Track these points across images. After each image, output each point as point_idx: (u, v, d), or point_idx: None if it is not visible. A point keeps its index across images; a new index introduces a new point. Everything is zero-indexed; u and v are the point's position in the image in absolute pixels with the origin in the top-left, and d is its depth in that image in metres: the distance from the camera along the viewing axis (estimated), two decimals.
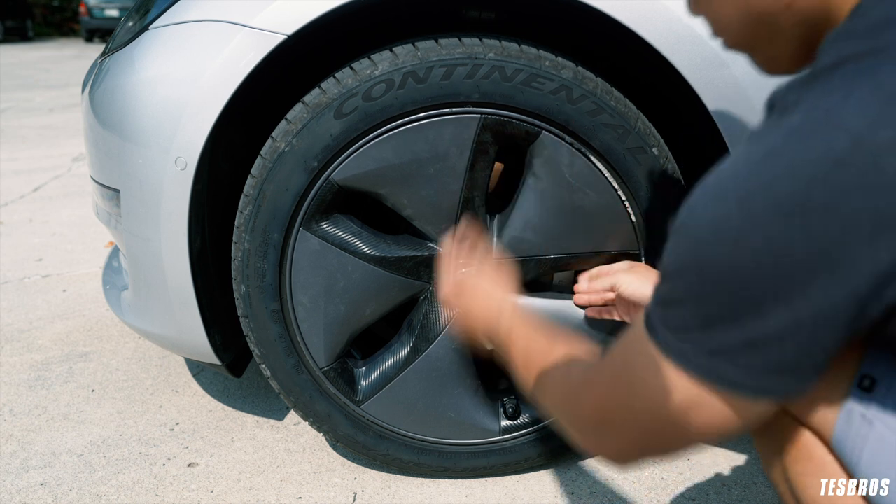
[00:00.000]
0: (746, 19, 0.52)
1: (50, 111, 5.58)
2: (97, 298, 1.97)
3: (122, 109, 1.00)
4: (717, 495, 1.12)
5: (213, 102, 0.94)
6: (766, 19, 0.51)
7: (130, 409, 1.42)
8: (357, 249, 1.02)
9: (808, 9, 0.48)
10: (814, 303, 0.40)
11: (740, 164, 0.41)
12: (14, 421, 1.38)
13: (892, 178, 0.35)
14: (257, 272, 1.01)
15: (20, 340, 1.73)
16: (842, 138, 0.36)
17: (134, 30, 1.06)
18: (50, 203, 2.97)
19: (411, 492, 1.15)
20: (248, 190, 0.99)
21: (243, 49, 0.92)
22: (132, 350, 1.67)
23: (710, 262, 0.42)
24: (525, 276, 1.06)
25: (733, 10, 0.52)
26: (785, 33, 0.51)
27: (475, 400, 1.12)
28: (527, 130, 0.98)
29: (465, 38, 0.94)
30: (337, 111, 0.94)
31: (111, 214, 1.12)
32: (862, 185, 0.35)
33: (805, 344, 0.42)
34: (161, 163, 0.97)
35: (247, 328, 1.06)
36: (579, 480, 1.17)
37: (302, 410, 1.12)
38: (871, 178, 0.35)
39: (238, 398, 1.46)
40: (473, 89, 0.94)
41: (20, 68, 9.35)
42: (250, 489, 1.17)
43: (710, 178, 0.43)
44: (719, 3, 0.53)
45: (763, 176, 0.39)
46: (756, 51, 0.56)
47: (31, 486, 1.19)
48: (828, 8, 0.47)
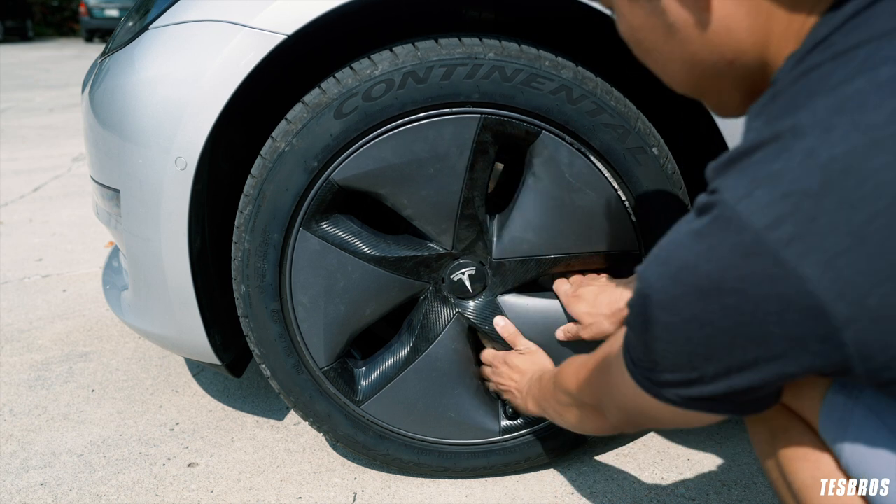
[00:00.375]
0: (692, 73, 0.53)
1: (50, 111, 5.58)
2: (97, 298, 1.97)
3: (122, 109, 1.00)
4: (717, 495, 1.12)
5: (213, 102, 0.94)
6: (711, 73, 0.52)
7: (130, 409, 1.42)
8: (357, 249, 1.02)
9: (749, 65, 0.50)
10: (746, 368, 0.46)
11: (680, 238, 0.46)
12: (14, 421, 1.38)
13: (794, 268, 0.40)
14: (257, 272, 1.01)
15: (20, 340, 1.73)
16: (747, 237, 0.41)
17: (134, 30, 1.06)
18: (50, 203, 2.97)
19: (411, 492, 1.15)
20: (248, 190, 0.99)
21: (243, 49, 0.92)
22: (132, 350, 1.67)
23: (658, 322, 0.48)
24: (525, 275, 1.06)
25: (679, 66, 0.53)
26: (730, 85, 0.53)
27: (475, 400, 1.12)
28: (527, 130, 0.98)
29: (465, 38, 0.94)
30: (337, 111, 0.94)
31: (111, 214, 1.12)
32: (768, 275, 0.40)
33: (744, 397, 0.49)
34: (161, 163, 0.97)
35: (247, 328, 1.06)
36: (579, 480, 1.17)
37: (302, 410, 1.12)
38: (774, 269, 0.40)
39: (238, 398, 1.46)
40: (473, 89, 0.94)
41: (20, 68, 9.35)
42: (250, 489, 1.17)
43: (664, 241, 0.48)
44: (665, 57, 0.54)
45: (689, 256, 0.44)
46: (705, 98, 0.58)
47: (31, 486, 1.19)
48: (766, 64, 0.49)
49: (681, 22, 0.50)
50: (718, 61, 0.50)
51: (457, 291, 1.07)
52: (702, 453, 1.23)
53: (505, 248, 1.04)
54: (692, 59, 0.51)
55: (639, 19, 0.53)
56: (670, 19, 0.50)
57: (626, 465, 1.21)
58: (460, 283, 1.06)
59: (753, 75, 0.50)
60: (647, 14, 0.52)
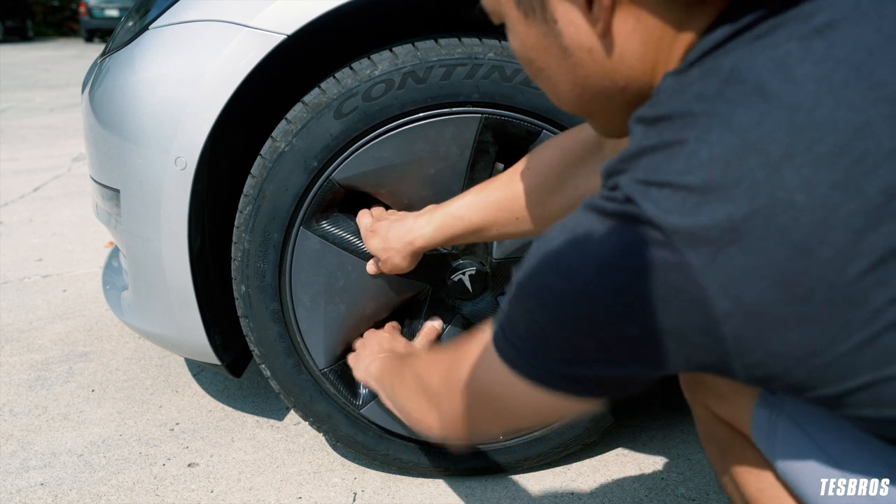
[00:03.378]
0: (582, 96, 0.53)
1: (50, 111, 5.58)
2: (97, 298, 1.97)
3: (122, 109, 1.00)
4: (717, 495, 1.12)
5: (213, 102, 0.94)
6: (601, 97, 0.52)
7: (130, 409, 1.42)
8: (357, 249, 1.02)
9: (639, 90, 0.50)
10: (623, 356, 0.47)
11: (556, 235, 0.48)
12: (14, 421, 1.38)
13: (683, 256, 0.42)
14: (257, 272, 1.01)
15: (20, 340, 1.73)
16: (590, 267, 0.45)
17: (134, 30, 1.06)
18: (50, 203, 2.97)
19: (411, 492, 1.15)
20: (248, 190, 0.99)
21: (243, 49, 0.92)
22: (132, 350, 1.67)
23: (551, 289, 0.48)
24: None
25: (569, 88, 0.53)
26: (617, 108, 0.53)
27: None
28: (527, 130, 0.98)
29: (465, 38, 0.94)
30: (337, 111, 0.95)
31: (111, 214, 1.12)
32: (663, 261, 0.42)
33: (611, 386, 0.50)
34: (161, 163, 0.97)
35: (247, 328, 1.06)
36: (579, 480, 1.17)
37: (302, 410, 1.12)
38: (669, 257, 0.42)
39: (238, 398, 1.46)
40: (473, 89, 0.94)
41: (20, 68, 9.36)
42: (250, 489, 1.17)
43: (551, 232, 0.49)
44: (556, 78, 0.53)
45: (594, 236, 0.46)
46: (592, 119, 0.58)
47: (31, 486, 1.19)
48: (651, 87, 0.50)
49: (575, 46, 0.49)
50: (610, 87, 0.51)
51: (457, 292, 1.07)
52: (702, 453, 1.23)
53: (506, 247, 1.04)
54: (584, 82, 0.52)
55: (532, 39, 0.52)
56: (565, 42, 0.50)
57: (626, 465, 1.21)
58: (460, 283, 1.06)
59: (642, 98, 0.51)
60: (541, 35, 0.51)
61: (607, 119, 0.56)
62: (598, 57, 0.49)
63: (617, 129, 0.57)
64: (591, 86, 0.52)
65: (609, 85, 0.51)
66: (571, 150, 0.82)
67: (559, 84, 0.54)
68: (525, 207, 0.85)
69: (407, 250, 0.93)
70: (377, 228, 0.96)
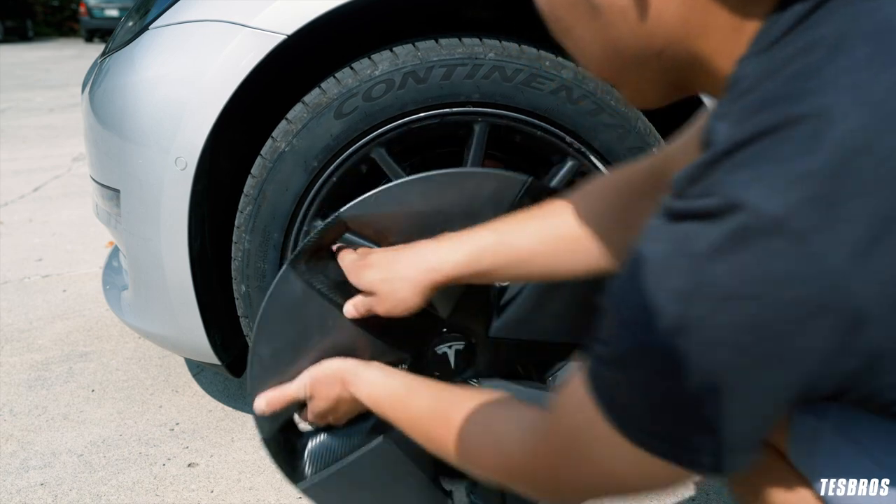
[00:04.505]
0: (613, 59, 0.48)
1: (50, 111, 5.58)
2: (97, 298, 1.97)
3: (122, 109, 1.00)
4: (717, 495, 1.12)
5: (214, 102, 0.94)
6: (634, 62, 0.48)
7: (130, 409, 1.42)
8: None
9: (677, 57, 0.46)
10: None
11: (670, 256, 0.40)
12: (14, 421, 1.38)
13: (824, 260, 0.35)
14: (257, 272, 1.01)
15: (20, 340, 1.73)
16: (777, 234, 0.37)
17: (134, 30, 1.06)
18: (50, 203, 2.97)
19: None
20: (248, 190, 0.99)
21: (243, 49, 0.92)
22: (132, 350, 1.67)
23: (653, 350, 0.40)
24: None
25: (599, 51, 0.49)
26: (653, 76, 0.49)
27: None
28: None
29: (465, 38, 0.94)
30: (337, 111, 0.95)
31: (111, 214, 1.12)
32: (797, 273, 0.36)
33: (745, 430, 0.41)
34: (161, 163, 0.97)
35: (247, 328, 1.06)
36: None
37: None
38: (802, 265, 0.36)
39: (238, 398, 1.46)
40: (474, 89, 0.94)
41: (20, 68, 9.36)
42: (250, 489, 1.17)
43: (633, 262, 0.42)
44: (585, 40, 0.49)
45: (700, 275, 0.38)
46: (621, 87, 0.53)
47: (31, 486, 1.19)
48: (698, 60, 0.46)
49: (606, 4, 0.45)
50: (644, 51, 0.46)
51: (436, 365, 0.91)
52: None
53: (507, 326, 0.91)
54: (615, 44, 0.47)
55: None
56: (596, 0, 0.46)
57: None
58: (444, 357, 0.92)
59: (681, 69, 0.47)
60: None
61: (638, 87, 0.51)
62: (630, 18, 0.45)
63: (648, 100, 0.52)
64: (623, 48, 0.47)
65: (643, 47, 0.46)
66: (630, 180, 0.72)
67: (588, 46, 0.49)
68: (585, 237, 0.72)
69: (426, 280, 0.74)
70: (372, 261, 0.78)
